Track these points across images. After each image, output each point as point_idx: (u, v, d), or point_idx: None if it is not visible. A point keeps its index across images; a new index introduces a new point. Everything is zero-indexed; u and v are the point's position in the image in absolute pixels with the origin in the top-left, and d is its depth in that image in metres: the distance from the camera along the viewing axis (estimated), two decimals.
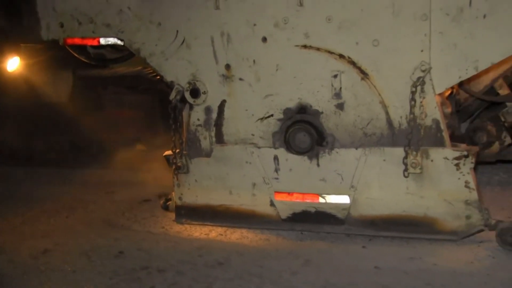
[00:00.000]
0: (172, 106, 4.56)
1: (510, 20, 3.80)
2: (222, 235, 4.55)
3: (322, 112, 4.26)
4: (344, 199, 4.29)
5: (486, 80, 4.65)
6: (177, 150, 4.63)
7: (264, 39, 4.23)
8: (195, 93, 4.50)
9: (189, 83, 4.50)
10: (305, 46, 4.16)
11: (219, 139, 4.55)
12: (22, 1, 5.02)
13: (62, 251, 4.36)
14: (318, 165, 4.29)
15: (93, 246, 4.45)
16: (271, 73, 4.30)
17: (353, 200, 4.28)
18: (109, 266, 4.08)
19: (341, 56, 4.11)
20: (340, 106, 4.20)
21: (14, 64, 6.13)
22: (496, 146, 4.78)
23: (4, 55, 6.00)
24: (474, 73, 3.98)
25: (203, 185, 4.65)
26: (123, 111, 6.68)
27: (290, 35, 4.19)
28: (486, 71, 4.32)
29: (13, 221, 5.10)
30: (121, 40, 4.67)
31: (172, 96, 4.54)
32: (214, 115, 4.53)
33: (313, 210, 4.40)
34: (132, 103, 6.66)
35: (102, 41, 4.73)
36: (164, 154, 4.78)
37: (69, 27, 4.74)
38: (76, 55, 5.32)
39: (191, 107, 4.58)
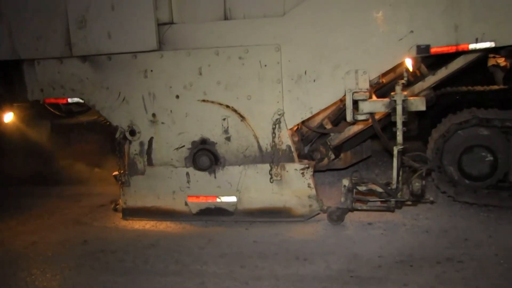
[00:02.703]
0: (117, 142, 4.93)
1: (327, 84, 4.49)
2: (154, 226, 4.92)
3: (216, 143, 4.73)
4: (233, 199, 4.78)
5: (318, 119, 5.07)
6: (122, 171, 4.97)
7: (177, 96, 4.69)
8: (132, 133, 4.86)
9: (128, 126, 4.86)
10: (204, 100, 4.68)
11: (150, 162, 4.88)
12: (14, 74, 5.24)
13: (45, 243, 4.67)
14: (215, 177, 4.80)
15: (66, 237, 4.78)
16: (182, 118, 4.74)
17: (238, 199, 4.78)
18: (77, 250, 4.46)
19: (227, 106, 4.66)
20: (228, 138, 4.73)
21: (9, 117, 6.39)
22: (326, 161, 5.15)
23: (2, 112, 6.25)
24: (310, 115, 4.68)
25: (140, 194, 4.97)
26: (85, 146, 6.83)
27: (194, 94, 4.68)
28: (317, 114, 4.77)
29: (10, 223, 5.36)
30: (82, 99, 4.97)
31: (117, 135, 4.89)
32: (146, 147, 4.87)
33: (213, 206, 4.84)
34: (91, 140, 6.80)
35: (70, 100, 5.02)
36: (113, 174, 5.09)
37: (47, 91, 5.00)
38: (52, 110, 5.79)
39: (130, 142, 4.91)
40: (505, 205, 4.73)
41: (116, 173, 5.05)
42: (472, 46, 4.30)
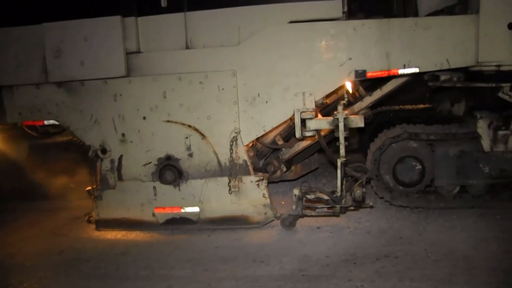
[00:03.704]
0: (90, 159, 4.96)
1: (278, 104, 4.67)
2: (124, 236, 4.92)
3: (180, 159, 4.80)
4: (196, 209, 4.83)
5: (271, 136, 5.12)
6: (95, 186, 4.95)
7: (144, 118, 4.76)
8: (104, 151, 4.87)
9: (100, 145, 4.86)
10: (168, 121, 4.75)
11: (120, 178, 4.90)
12: None
13: (23, 254, 4.65)
14: (179, 190, 4.86)
15: (44, 248, 4.74)
16: (149, 137, 4.80)
17: (201, 209, 4.85)
18: (54, 260, 4.43)
19: (189, 126, 4.75)
20: (191, 155, 4.82)
21: None
22: (278, 173, 5.22)
23: None
24: (263, 133, 4.83)
25: (112, 206, 4.95)
26: (60, 164, 6.75)
27: (159, 115, 4.75)
28: (270, 131, 4.87)
29: None
30: (58, 121, 4.98)
31: (90, 153, 4.91)
32: (116, 164, 4.89)
33: (178, 216, 4.88)
34: (66, 158, 6.73)
35: (46, 122, 5.02)
36: (87, 189, 5.07)
37: (24, 114, 5.02)
38: (29, 131, 5.75)
39: (102, 159, 4.91)
40: (432, 207, 5.04)
41: (89, 188, 5.04)
42: (401, 71, 4.62)
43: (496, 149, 4.78)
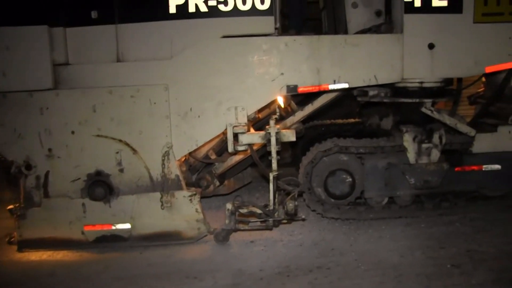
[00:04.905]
0: (12, 176, 4.71)
1: (210, 119, 4.68)
2: (50, 256, 4.66)
3: (110, 175, 4.65)
4: (127, 226, 4.69)
5: (203, 151, 5.17)
6: (18, 204, 4.69)
7: (73, 132, 4.57)
8: (28, 167, 4.62)
9: (24, 161, 4.60)
10: (98, 135, 4.61)
11: (46, 195, 4.65)
12: None
13: None
14: (110, 206, 4.71)
15: None
16: (78, 152, 4.61)
17: (132, 225, 4.72)
18: None
19: (120, 140, 4.64)
20: (122, 170, 4.69)
21: None
22: (211, 187, 5.23)
23: None
24: (196, 147, 4.81)
25: (37, 225, 4.68)
26: None
27: (89, 129, 4.58)
28: (203, 146, 4.91)
29: None
30: None
31: (13, 170, 4.64)
32: (42, 180, 4.63)
33: (109, 234, 4.70)
34: None
35: None
36: (7, 208, 4.79)
37: None
38: None
39: (26, 176, 4.65)
40: (362, 218, 5.20)
41: (11, 206, 4.77)
42: (331, 86, 4.79)
43: (420, 161, 5.02)
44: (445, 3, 4.72)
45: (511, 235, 4.74)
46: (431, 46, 4.72)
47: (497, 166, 5.22)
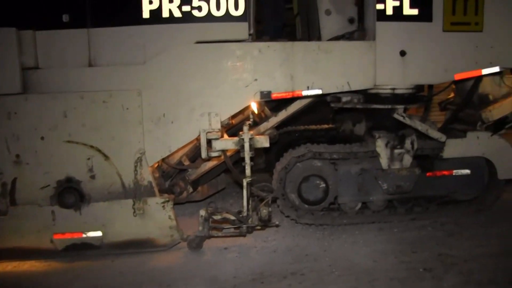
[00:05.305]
0: None
1: (184, 125, 4.62)
2: (16, 267, 4.53)
3: (81, 181, 4.53)
4: (98, 233, 4.57)
5: (177, 157, 5.14)
6: None
7: (42, 138, 4.45)
8: None
9: None
10: (69, 141, 4.53)
11: (13, 202, 4.50)
12: None
13: None
14: (80, 214, 4.60)
15: None
16: (48, 158, 4.49)
17: (104, 233, 4.62)
18: None
19: (92, 146, 4.55)
20: (93, 177, 4.61)
21: None
22: (185, 194, 5.19)
23: None
24: (169, 153, 4.77)
25: (2, 235, 4.53)
26: None
27: (60, 135, 4.47)
28: (176, 152, 4.90)
29: None
30: None
31: None
32: (9, 187, 4.49)
33: (79, 242, 4.57)
34: None
35: None
36: None
37: None
38: None
39: None
40: (336, 223, 5.23)
41: None
42: (304, 92, 4.82)
43: (393, 167, 5.08)
44: (416, 12, 4.81)
45: (479, 238, 4.88)
46: (402, 54, 4.80)
47: (467, 171, 5.32)
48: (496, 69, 5.03)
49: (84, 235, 4.69)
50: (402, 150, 5.10)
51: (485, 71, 5.04)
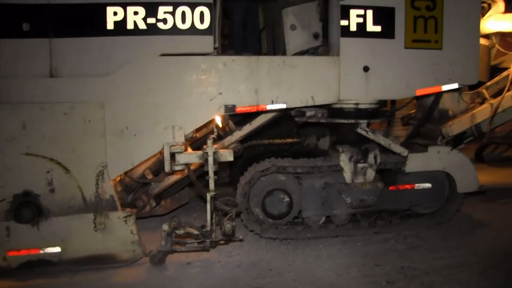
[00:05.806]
0: None
1: (147, 138, 4.58)
2: None
3: (40, 195, 4.44)
4: (57, 249, 4.47)
5: (140, 170, 5.05)
6: None
7: None
8: None
9: None
10: (28, 154, 4.41)
11: None
12: None
13: None
14: (38, 229, 4.47)
15: None
16: (4, 172, 4.34)
17: (63, 249, 4.50)
18: None
19: (51, 159, 4.45)
20: (52, 190, 4.49)
21: None
22: (148, 208, 5.16)
23: None
24: (132, 167, 4.69)
25: None
26: None
27: (17, 147, 4.35)
28: (139, 165, 4.84)
29: None
30: None
31: None
32: None
33: (35, 258, 4.43)
34: None
35: None
36: None
37: None
38: None
39: None
40: (300, 237, 5.24)
41: None
42: (269, 107, 4.86)
43: (356, 181, 5.14)
44: (378, 29, 4.93)
45: (440, 251, 4.98)
46: (366, 69, 4.90)
47: (428, 185, 5.43)
48: (455, 85, 5.19)
49: (41, 251, 4.54)
50: (366, 164, 5.17)
51: (445, 88, 5.20)
